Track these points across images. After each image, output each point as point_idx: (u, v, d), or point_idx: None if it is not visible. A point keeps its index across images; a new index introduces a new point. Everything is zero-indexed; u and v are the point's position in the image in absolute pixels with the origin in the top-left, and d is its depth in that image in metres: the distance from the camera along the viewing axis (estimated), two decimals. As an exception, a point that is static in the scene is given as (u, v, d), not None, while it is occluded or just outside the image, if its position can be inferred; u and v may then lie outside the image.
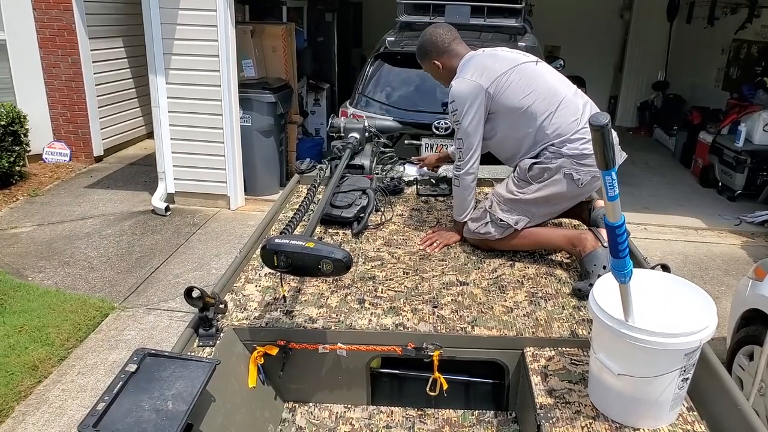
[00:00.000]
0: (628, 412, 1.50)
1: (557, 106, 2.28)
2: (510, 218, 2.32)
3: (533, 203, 2.32)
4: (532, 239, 2.36)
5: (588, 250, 2.17)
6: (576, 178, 2.24)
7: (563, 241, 2.32)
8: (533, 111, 2.28)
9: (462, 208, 2.47)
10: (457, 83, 2.36)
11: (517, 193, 2.33)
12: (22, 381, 3.38)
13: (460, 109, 2.33)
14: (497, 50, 2.48)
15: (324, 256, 1.60)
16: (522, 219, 2.33)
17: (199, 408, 1.43)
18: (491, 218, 2.35)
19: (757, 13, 7.53)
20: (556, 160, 2.25)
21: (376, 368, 1.99)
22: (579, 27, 9.78)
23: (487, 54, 2.44)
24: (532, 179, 2.30)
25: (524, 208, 2.33)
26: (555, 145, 2.26)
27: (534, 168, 2.29)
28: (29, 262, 4.82)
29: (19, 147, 6.38)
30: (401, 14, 5.64)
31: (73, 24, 6.84)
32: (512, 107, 2.30)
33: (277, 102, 6.09)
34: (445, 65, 2.49)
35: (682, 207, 6.40)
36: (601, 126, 1.26)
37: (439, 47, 2.47)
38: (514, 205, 2.33)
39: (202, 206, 6.11)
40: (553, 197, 2.30)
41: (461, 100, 2.32)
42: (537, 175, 2.29)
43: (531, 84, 2.31)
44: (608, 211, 1.36)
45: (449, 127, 4.78)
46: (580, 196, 2.38)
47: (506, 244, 2.38)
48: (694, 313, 1.47)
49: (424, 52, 2.52)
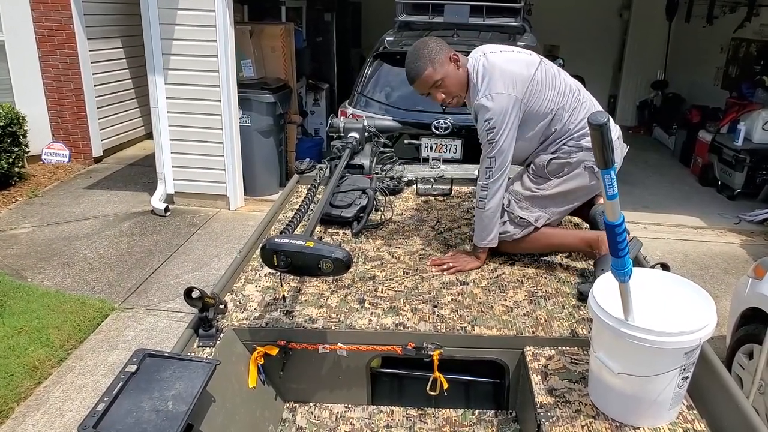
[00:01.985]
0: (628, 411, 1.51)
1: (579, 102, 2.23)
2: (530, 215, 2.27)
3: (552, 199, 2.28)
4: (547, 242, 2.32)
5: (604, 253, 2.15)
6: (596, 170, 2.18)
7: (580, 243, 2.29)
8: (560, 110, 2.21)
9: (486, 232, 2.26)
10: (492, 99, 2.15)
11: (536, 189, 2.28)
12: (22, 382, 3.38)
13: (498, 127, 2.14)
14: (506, 51, 2.29)
15: (324, 255, 1.60)
16: (542, 216, 2.28)
17: (199, 408, 1.43)
18: (509, 217, 2.29)
19: (755, 12, 7.53)
20: (576, 154, 2.21)
21: (377, 368, 1.99)
22: (578, 26, 9.78)
23: (503, 58, 2.24)
24: (551, 174, 2.25)
25: (543, 204, 2.28)
26: (574, 139, 2.21)
27: (552, 163, 2.24)
28: (29, 263, 4.82)
29: (17, 148, 6.38)
30: (400, 14, 5.64)
31: (72, 24, 6.84)
32: (543, 112, 2.21)
33: (277, 102, 6.09)
34: (452, 79, 2.23)
35: (682, 206, 6.40)
36: (600, 125, 1.26)
37: (440, 59, 2.21)
38: (534, 202, 2.29)
39: (201, 207, 6.11)
40: (573, 191, 2.27)
41: (500, 117, 2.14)
42: (556, 170, 2.25)
43: (554, 84, 2.23)
44: (608, 210, 1.36)
45: (449, 126, 4.78)
46: (598, 189, 2.34)
47: (522, 247, 2.33)
48: (693, 311, 1.47)
49: (422, 73, 2.20)
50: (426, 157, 4.72)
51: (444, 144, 4.85)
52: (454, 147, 4.86)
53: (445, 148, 4.87)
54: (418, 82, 2.24)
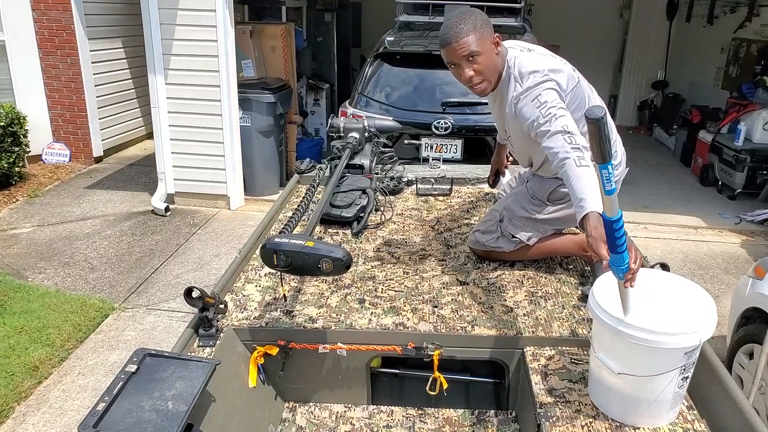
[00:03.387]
0: (628, 410, 1.51)
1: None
2: (523, 235, 2.25)
3: (547, 222, 2.26)
4: (542, 249, 2.30)
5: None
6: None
7: (574, 248, 2.28)
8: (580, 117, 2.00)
9: (598, 193, 1.68)
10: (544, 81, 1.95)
11: (532, 211, 2.26)
12: (23, 382, 3.38)
13: (556, 105, 1.90)
14: (540, 49, 2.17)
15: (324, 255, 1.60)
16: (535, 235, 2.26)
17: (199, 408, 1.43)
18: (503, 233, 2.28)
19: (756, 12, 7.53)
20: None
21: (377, 368, 1.99)
22: (578, 26, 9.77)
23: (543, 53, 2.12)
24: (550, 201, 2.23)
25: (538, 225, 2.27)
26: None
27: (557, 192, 2.19)
28: (29, 263, 4.82)
29: (18, 148, 6.38)
30: (400, 14, 5.64)
31: (73, 24, 6.84)
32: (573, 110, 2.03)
33: (277, 102, 6.09)
34: (490, 56, 2.00)
35: (682, 206, 6.40)
36: (597, 119, 1.26)
37: (486, 26, 1.99)
38: (528, 222, 2.27)
39: (201, 206, 6.11)
40: (569, 217, 2.22)
41: (554, 97, 1.93)
42: (557, 199, 2.22)
43: (583, 94, 2.11)
44: (605, 205, 1.36)
45: (449, 126, 4.78)
46: None
47: (516, 256, 2.32)
48: (693, 311, 1.47)
49: (478, 27, 1.95)
50: (426, 157, 4.73)
51: (444, 144, 4.84)
52: (454, 147, 4.86)
53: (445, 148, 4.87)
54: (454, 46, 1.94)
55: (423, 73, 5.01)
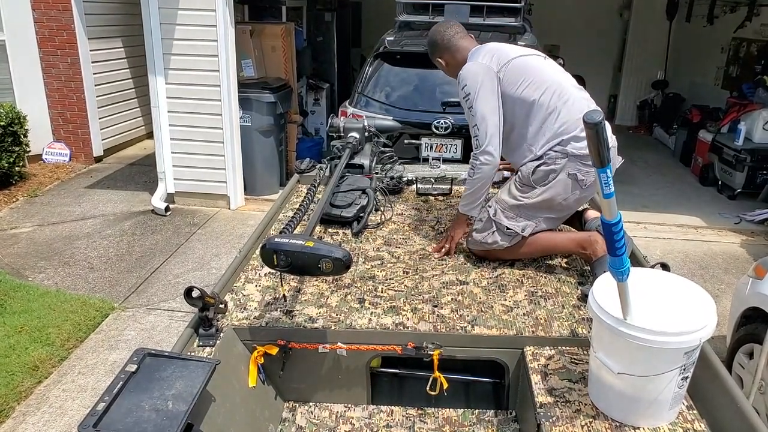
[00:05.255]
0: (628, 410, 1.51)
1: (564, 102, 2.23)
2: (516, 225, 2.26)
3: (538, 207, 2.27)
4: (539, 246, 2.31)
5: (599, 254, 2.13)
6: (580, 179, 2.19)
7: (572, 245, 2.28)
8: (541, 103, 2.23)
9: (472, 198, 2.37)
10: (466, 67, 2.34)
11: (521, 198, 2.28)
12: (23, 381, 3.38)
13: (472, 92, 2.27)
14: (505, 44, 2.49)
15: (324, 255, 1.60)
16: (528, 225, 2.27)
17: (199, 408, 1.43)
18: (497, 227, 2.28)
19: (756, 12, 7.53)
20: (561, 160, 2.20)
21: (376, 368, 1.99)
22: (578, 26, 9.78)
23: (498, 44, 2.45)
24: (536, 183, 2.25)
25: (529, 213, 2.27)
26: (561, 144, 2.20)
27: (538, 171, 2.24)
28: (29, 263, 4.82)
29: (18, 147, 6.38)
30: (400, 14, 5.64)
31: (73, 24, 6.84)
32: (519, 97, 2.26)
33: (277, 102, 6.09)
34: (449, 62, 2.48)
35: (682, 206, 6.40)
36: (595, 123, 1.26)
37: (440, 45, 2.48)
38: (519, 211, 2.28)
39: (202, 206, 6.11)
40: (556, 199, 2.24)
41: (472, 81, 2.28)
42: (541, 179, 2.24)
43: (539, 75, 2.28)
44: (604, 208, 1.36)
45: (449, 126, 4.78)
46: (584, 199, 2.33)
47: (514, 254, 2.32)
48: (693, 311, 1.47)
49: (431, 51, 2.55)
50: (426, 156, 4.72)
51: (444, 144, 4.85)
52: (454, 147, 4.86)
53: (445, 148, 4.87)
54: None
55: (423, 72, 5.01)
